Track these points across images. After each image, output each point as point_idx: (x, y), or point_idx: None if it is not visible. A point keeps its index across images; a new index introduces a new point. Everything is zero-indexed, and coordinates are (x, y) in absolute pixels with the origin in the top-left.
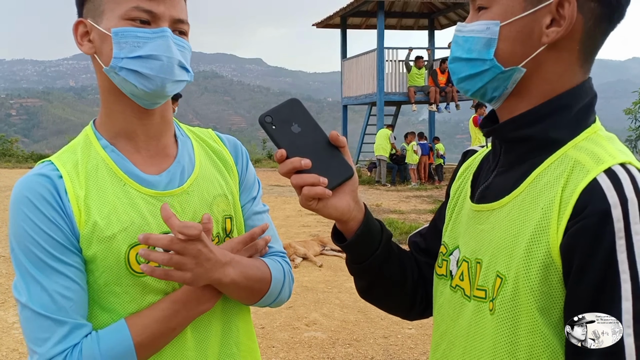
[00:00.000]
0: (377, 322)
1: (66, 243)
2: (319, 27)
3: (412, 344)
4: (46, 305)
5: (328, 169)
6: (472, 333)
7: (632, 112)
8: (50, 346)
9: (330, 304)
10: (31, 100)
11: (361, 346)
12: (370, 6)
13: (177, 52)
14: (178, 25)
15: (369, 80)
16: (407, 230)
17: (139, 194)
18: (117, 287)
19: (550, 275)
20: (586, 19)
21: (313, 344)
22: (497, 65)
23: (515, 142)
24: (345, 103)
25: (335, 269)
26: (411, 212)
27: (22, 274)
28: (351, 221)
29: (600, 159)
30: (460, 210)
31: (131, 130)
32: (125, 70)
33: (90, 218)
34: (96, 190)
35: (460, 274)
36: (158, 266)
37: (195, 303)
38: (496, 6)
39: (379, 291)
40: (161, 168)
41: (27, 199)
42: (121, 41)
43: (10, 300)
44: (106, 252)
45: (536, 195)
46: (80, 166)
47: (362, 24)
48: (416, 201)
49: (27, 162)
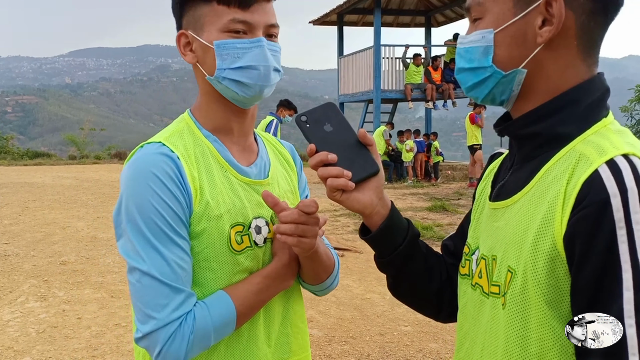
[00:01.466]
0: (374, 319)
1: (184, 218)
2: (316, 25)
3: (408, 341)
4: (167, 273)
5: (353, 164)
6: (489, 329)
7: (628, 110)
8: (169, 312)
9: (326, 302)
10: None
11: (357, 343)
12: (367, 3)
13: (271, 59)
14: (271, 30)
15: (366, 77)
16: None
17: (237, 180)
18: (215, 263)
19: (557, 268)
20: (577, 14)
21: (310, 342)
22: (498, 70)
23: (525, 139)
24: (342, 100)
25: None
26: (407, 210)
27: (142, 244)
28: (375, 215)
29: (604, 150)
30: (482, 210)
31: (229, 126)
32: (228, 80)
33: (203, 197)
34: (205, 172)
35: (479, 271)
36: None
37: (281, 279)
38: (488, 15)
39: (405, 288)
40: (250, 161)
41: (153, 174)
42: (223, 53)
43: (5, 298)
44: (213, 229)
45: (544, 190)
46: (190, 150)
47: (358, 21)
48: (412, 199)
49: (23, 159)
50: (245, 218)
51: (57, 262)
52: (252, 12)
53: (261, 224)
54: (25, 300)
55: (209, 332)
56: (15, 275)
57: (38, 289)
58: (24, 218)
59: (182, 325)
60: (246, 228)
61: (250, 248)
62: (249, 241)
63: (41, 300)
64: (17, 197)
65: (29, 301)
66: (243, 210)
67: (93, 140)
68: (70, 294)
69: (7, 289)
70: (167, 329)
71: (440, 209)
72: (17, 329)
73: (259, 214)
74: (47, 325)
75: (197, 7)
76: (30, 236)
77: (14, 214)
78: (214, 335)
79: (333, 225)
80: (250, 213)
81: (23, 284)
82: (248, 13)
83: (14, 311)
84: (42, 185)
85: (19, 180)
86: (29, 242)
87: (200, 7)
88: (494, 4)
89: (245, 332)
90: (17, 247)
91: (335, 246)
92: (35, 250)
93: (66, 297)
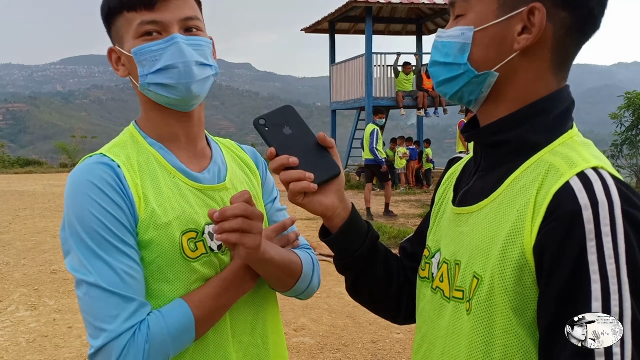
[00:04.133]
0: (366, 326)
1: (128, 226)
2: (308, 32)
3: (400, 348)
4: (115, 282)
5: (315, 166)
6: (450, 333)
7: (618, 117)
8: (121, 322)
9: (318, 309)
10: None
11: (349, 351)
12: (358, 11)
13: (191, 53)
14: (189, 23)
15: (358, 85)
16: (396, 234)
17: (187, 186)
18: (170, 273)
19: (524, 276)
20: (556, 27)
21: (301, 349)
22: (471, 69)
23: (494, 146)
24: (334, 108)
25: (324, 274)
26: (400, 216)
27: (87, 255)
28: (335, 218)
29: (574, 162)
30: (443, 214)
31: (173, 133)
32: (153, 85)
33: (148, 205)
34: (150, 179)
35: (440, 275)
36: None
37: (240, 281)
38: (471, 13)
39: (364, 290)
40: (201, 167)
41: (92, 183)
42: (141, 59)
43: None
44: (162, 237)
45: (512, 198)
46: (132, 158)
47: (350, 29)
48: (404, 205)
49: (14, 167)
50: (197, 224)
51: (48, 271)
52: (159, 10)
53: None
54: (15, 310)
55: (165, 341)
56: (6, 284)
57: (28, 298)
58: (14, 226)
59: (135, 335)
60: (199, 234)
61: (206, 255)
62: (204, 247)
63: (31, 309)
64: (8, 205)
65: (19, 310)
66: (194, 216)
67: (84, 148)
68: (60, 303)
69: None
70: (119, 340)
71: None
72: (7, 338)
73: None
74: (37, 335)
75: (116, 21)
76: (21, 244)
77: (4, 222)
78: (172, 344)
79: (317, 231)
80: (203, 219)
81: (13, 293)
82: (155, 12)
83: (3, 320)
84: (33, 194)
85: (10, 188)
86: (20, 250)
87: (118, 20)
88: (478, 3)
89: (212, 343)
90: (8, 255)
91: (326, 253)
92: (25, 259)
93: (57, 306)
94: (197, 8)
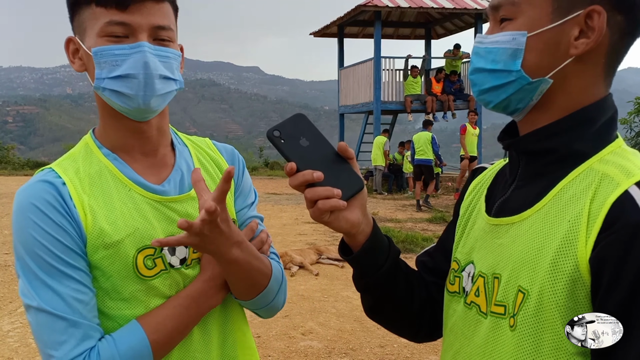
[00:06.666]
0: (374, 331)
1: (75, 247)
2: (317, 36)
3: (409, 353)
4: (61, 307)
5: (339, 181)
6: (490, 351)
7: (628, 122)
8: (69, 349)
9: (326, 313)
10: (28, 108)
11: (357, 355)
12: (367, 15)
13: (156, 66)
14: (159, 33)
15: (366, 89)
16: (404, 239)
17: (144, 199)
18: (125, 292)
19: (577, 290)
20: (612, 32)
21: (309, 353)
22: (524, 76)
23: (537, 154)
24: (342, 112)
25: (332, 278)
26: (408, 221)
27: (31, 280)
28: (359, 235)
29: (630, 172)
30: (473, 225)
31: (129, 143)
32: (108, 91)
33: (96, 223)
34: (101, 195)
35: (475, 289)
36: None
37: (204, 297)
38: (522, 17)
39: (386, 308)
40: (161, 177)
41: (33, 205)
42: (101, 61)
43: (5, 308)
44: (113, 257)
45: (562, 208)
46: (83, 172)
47: (359, 33)
48: (413, 210)
49: (24, 169)
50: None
51: None
52: (131, 12)
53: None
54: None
55: None
56: (16, 285)
57: None
58: None
59: None
60: (158, 250)
61: (166, 271)
62: (162, 264)
63: None
64: None
65: None
66: (150, 232)
67: None
68: None
69: (7, 299)
70: None
71: (441, 220)
72: (17, 340)
73: (172, 232)
74: None
75: (81, 11)
76: None
77: None
78: None
79: (333, 236)
80: (161, 233)
81: None
82: (127, 14)
83: (14, 321)
84: None
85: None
86: None
87: (83, 11)
88: (530, 7)
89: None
90: None
91: (334, 257)
92: None
93: None
94: (172, 16)
